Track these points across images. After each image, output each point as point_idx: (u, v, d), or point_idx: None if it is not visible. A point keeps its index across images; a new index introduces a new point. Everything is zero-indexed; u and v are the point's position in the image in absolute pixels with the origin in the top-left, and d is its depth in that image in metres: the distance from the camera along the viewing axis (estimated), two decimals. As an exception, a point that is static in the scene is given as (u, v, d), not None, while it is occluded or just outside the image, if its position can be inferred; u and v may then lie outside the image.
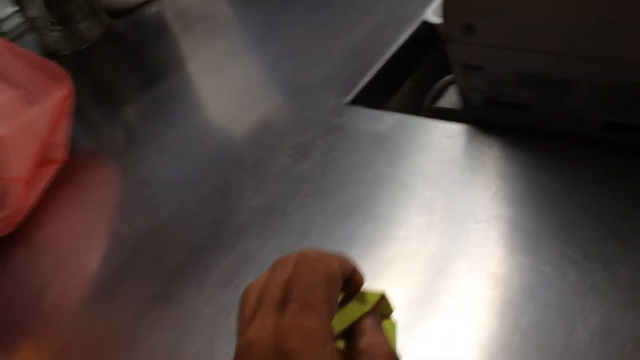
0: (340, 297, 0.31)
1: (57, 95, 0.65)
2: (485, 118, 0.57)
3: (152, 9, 1.01)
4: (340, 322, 0.30)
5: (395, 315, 0.35)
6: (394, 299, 0.34)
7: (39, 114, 0.62)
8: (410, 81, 0.75)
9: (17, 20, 1.00)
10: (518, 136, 0.55)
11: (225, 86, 0.77)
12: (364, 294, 0.32)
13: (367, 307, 0.31)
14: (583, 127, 0.53)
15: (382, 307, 0.32)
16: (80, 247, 0.59)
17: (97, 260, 0.56)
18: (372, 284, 0.47)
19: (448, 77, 0.62)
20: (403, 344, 0.35)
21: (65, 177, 0.66)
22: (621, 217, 0.47)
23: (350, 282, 0.31)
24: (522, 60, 0.51)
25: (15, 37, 1.00)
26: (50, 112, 0.63)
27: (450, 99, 0.61)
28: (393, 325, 0.33)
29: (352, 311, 0.31)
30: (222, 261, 0.52)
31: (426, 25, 0.71)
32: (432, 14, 0.72)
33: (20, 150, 0.60)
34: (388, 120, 0.61)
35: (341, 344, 0.30)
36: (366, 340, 0.29)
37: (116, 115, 0.79)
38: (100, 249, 0.57)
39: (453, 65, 0.56)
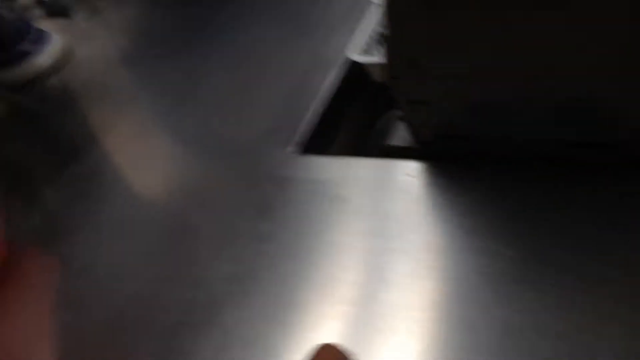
0: None
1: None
2: (440, 152, 0.57)
3: (53, 80, 0.95)
4: None
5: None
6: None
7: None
8: (346, 122, 0.74)
9: None
10: (478, 166, 0.55)
11: (152, 154, 0.73)
12: None
13: None
14: (543, 148, 0.53)
15: None
16: (35, 351, 0.53)
17: (58, 364, 0.51)
18: (373, 337, 0.45)
19: (390, 114, 0.62)
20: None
21: (7, 274, 0.59)
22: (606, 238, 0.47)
23: None
24: (472, 90, 0.52)
25: None
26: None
27: (399, 135, 0.61)
28: None
29: None
30: (201, 341, 0.48)
31: (353, 64, 0.72)
32: (355, 53, 0.72)
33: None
34: (340, 165, 0.60)
35: None
36: None
37: (38, 200, 0.73)
38: (59, 350, 0.52)
39: (400, 102, 0.56)
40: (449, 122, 0.55)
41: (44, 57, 0.96)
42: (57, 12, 1.10)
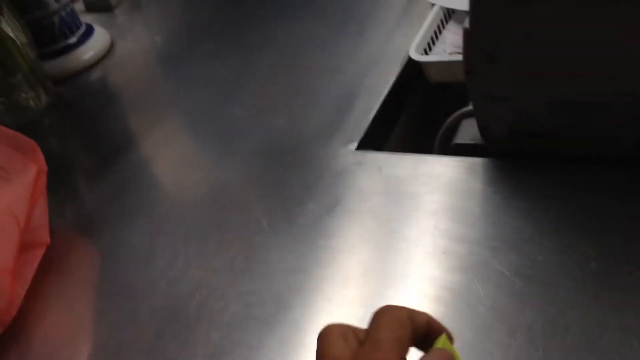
0: None
1: (31, 171, 0.57)
2: (511, 149, 0.55)
3: (96, 75, 0.94)
4: None
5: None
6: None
7: (16, 192, 0.54)
8: (404, 120, 0.72)
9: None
10: (549, 164, 0.53)
11: (204, 148, 0.71)
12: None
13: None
14: (616, 147, 0.51)
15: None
16: (79, 337, 0.51)
17: (116, 353, 0.48)
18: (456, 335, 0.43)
19: (461, 112, 0.60)
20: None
21: (52, 261, 0.57)
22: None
23: (428, 331, 0.33)
24: (554, 87, 0.50)
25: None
26: (27, 190, 0.56)
27: (466, 133, 0.59)
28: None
29: None
30: (268, 337, 0.46)
31: (412, 64, 0.70)
32: (415, 52, 0.71)
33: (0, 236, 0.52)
34: (405, 161, 0.58)
35: None
36: None
37: (79, 192, 0.71)
38: (119, 339, 0.50)
39: (474, 98, 0.54)
40: (525, 119, 0.53)
41: (88, 50, 0.95)
42: (99, 6, 1.09)
